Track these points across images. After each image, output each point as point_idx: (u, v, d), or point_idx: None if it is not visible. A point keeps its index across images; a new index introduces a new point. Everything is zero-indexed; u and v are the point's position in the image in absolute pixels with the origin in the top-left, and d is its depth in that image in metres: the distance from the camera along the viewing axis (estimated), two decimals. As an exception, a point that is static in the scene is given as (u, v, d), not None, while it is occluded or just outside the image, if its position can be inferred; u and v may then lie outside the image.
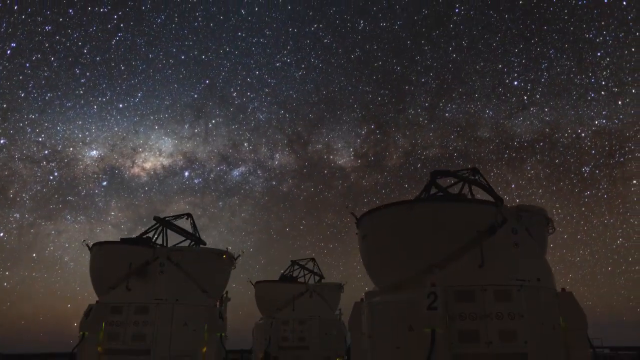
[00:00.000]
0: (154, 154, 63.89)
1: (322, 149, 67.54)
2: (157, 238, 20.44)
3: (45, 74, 54.61)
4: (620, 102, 51.68)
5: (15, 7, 49.88)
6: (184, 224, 21.76)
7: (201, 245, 21.31)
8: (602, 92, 52.41)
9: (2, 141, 53.17)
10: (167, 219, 21.11)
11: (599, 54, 52.30)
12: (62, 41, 54.91)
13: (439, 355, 10.85)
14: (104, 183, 60.16)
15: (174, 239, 21.22)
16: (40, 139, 56.05)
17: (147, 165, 63.03)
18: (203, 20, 63.67)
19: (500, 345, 10.93)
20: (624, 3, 49.26)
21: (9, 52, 51.22)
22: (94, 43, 57.22)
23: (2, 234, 54.49)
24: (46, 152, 56.51)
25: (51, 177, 56.64)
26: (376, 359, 12.73)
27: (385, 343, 12.50)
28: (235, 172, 66.37)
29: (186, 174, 64.35)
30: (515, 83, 57.18)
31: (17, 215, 55.56)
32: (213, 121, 64.96)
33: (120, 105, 60.25)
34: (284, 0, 64.52)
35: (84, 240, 19.11)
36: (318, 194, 66.53)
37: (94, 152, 59.99)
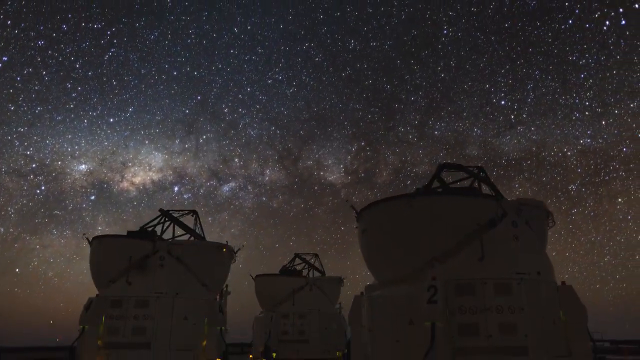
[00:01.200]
0: (144, 169, 63.58)
1: (313, 166, 67.83)
2: (164, 231, 20.49)
3: (36, 88, 54.42)
4: (604, 122, 53.09)
5: (9, 22, 49.64)
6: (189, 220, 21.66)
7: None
8: (587, 112, 53.95)
9: (-12, 154, 52.49)
10: (170, 212, 21.08)
11: (582, 75, 53.76)
12: (55, 56, 54.77)
13: (439, 349, 10.84)
14: (92, 197, 59.66)
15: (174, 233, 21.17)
16: (28, 152, 55.55)
17: (137, 179, 62.72)
18: (196, 38, 64.10)
19: (500, 339, 10.93)
20: (604, 28, 50.47)
21: (0, 65, 50.84)
22: (87, 58, 57.37)
23: (-15, 248, 53.64)
24: (34, 165, 56.04)
25: (38, 191, 56.00)
26: (376, 353, 12.72)
27: (385, 337, 12.49)
28: (225, 188, 66.28)
29: (176, 189, 64.16)
30: (503, 102, 58.50)
31: (2, 229, 55.29)
32: (204, 137, 65.04)
33: (111, 120, 60.20)
34: (276, 19, 65.32)
35: (84, 234, 19.12)
36: (308, 210, 66.82)
37: (83, 166, 59.63)
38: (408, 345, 11.69)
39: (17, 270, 55.70)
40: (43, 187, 56.70)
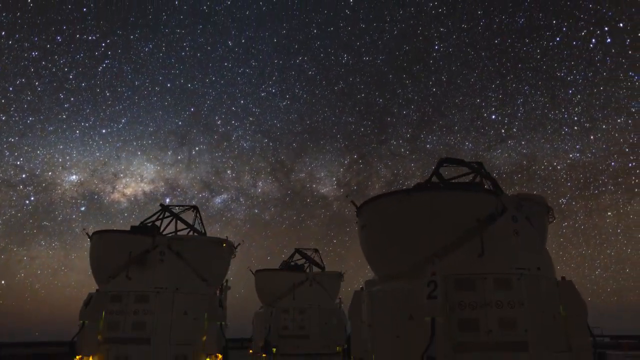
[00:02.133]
0: (136, 180, 63.14)
1: (305, 178, 68.03)
2: (166, 226, 20.59)
3: (29, 98, 54.15)
4: (592, 137, 54.41)
5: (3, 33, 49.54)
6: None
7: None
8: (575, 127, 55.28)
9: (-23, 164, 51.27)
10: (170, 207, 21.08)
11: (570, 91, 55.05)
12: (48, 66, 54.60)
13: (439, 344, 10.84)
14: (82, 208, 58.93)
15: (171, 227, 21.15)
16: (18, 163, 54.91)
17: (128, 191, 62.23)
18: (190, 50, 64.46)
19: (500, 334, 10.92)
20: (591, 46, 52.03)
21: (-7, 75, 50.55)
22: (80, 69, 57.33)
23: (-29, 260, 52.26)
24: (23, 175, 55.34)
25: (27, 202, 55.20)
26: (376, 348, 12.73)
27: (385, 332, 12.49)
28: (218, 200, 66.00)
29: (167, 200, 63.91)
30: (493, 117, 59.75)
31: (-12, 240, 53.28)
32: (197, 148, 65.01)
33: (104, 131, 60.01)
34: (270, 33, 66.16)
35: (83, 229, 19.12)
36: (300, 222, 66.86)
37: (74, 176, 59.00)
38: (408, 340, 11.69)
39: (2, 282, 54.98)
40: (32, 198, 56.16)
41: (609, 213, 55.37)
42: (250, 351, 31.43)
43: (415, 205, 12.63)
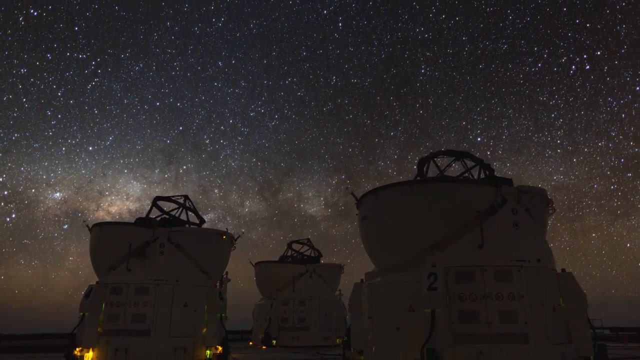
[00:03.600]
0: (121, 198, 62.71)
1: (293, 198, 68.49)
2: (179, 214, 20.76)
3: (15, 115, 53.75)
4: (574, 160, 56.12)
5: None
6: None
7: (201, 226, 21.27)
8: (558, 150, 57.70)
9: (-42, 180, 50.41)
10: (162, 198, 21.09)
11: (553, 115, 57.23)
12: (37, 83, 54.35)
13: (439, 336, 10.84)
14: (65, 226, 57.79)
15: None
16: (0, 180, 54.29)
17: (113, 209, 61.70)
18: (180, 70, 65.02)
19: (500, 326, 10.92)
20: (571, 72, 55.86)
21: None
22: (69, 87, 57.28)
23: (-54, 277, 50.97)
24: (5, 192, 54.36)
25: (8, 219, 54.04)
26: (376, 340, 12.74)
27: (385, 324, 12.49)
28: (204, 219, 65.73)
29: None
30: (479, 139, 61.57)
31: (-34, 258, 52.24)
32: (184, 167, 64.91)
33: (90, 148, 59.57)
34: (260, 54, 67.27)
35: (84, 221, 19.06)
36: (287, 242, 67.51)
37: (58, 194, 58.02)
38: (408, 332, 11.70)
39: (-22, 301, 54.42)
40: (14, 215, 55.10)
41: (594, 234, 56.78)
42: (250, 343, 31.55)
43: (417, 197, 12.60)
